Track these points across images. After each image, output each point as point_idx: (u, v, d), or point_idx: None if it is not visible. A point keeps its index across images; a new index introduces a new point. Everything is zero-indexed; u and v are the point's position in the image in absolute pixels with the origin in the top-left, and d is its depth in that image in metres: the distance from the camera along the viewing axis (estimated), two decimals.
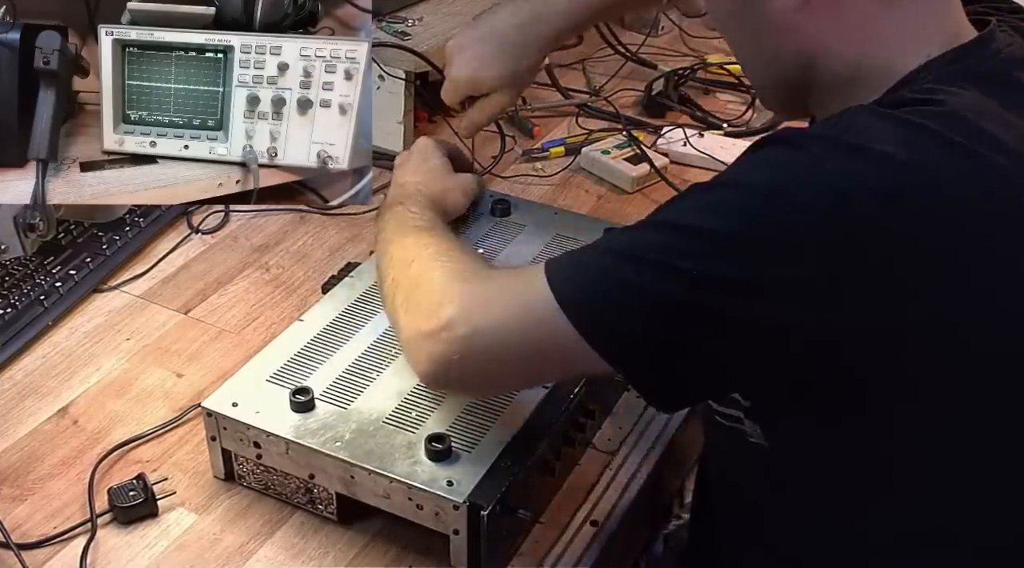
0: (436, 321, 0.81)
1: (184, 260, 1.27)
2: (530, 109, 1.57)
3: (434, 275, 0.87)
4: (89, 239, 1.24)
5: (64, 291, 1.17)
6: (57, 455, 1.00)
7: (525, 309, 0.78)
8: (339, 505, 0.91)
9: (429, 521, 0.87)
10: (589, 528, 0.93)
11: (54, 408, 1.05)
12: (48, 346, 1.13)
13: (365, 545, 0.91)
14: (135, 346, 1.13)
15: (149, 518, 0.93)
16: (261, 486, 0.95)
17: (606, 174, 1.43)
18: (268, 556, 0.90)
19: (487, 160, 1.43)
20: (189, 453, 1.00)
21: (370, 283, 1.08)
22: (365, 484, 0.88)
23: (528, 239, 1.15)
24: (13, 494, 0.96)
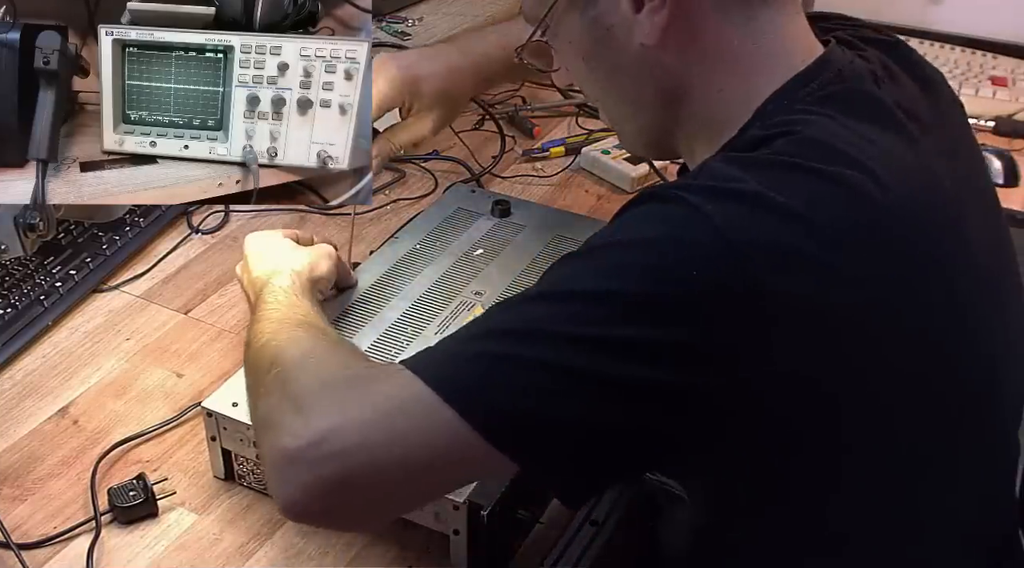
0: (305, 438, 0.69)
1: (184, 260, 1.27)
2: (530, 109, 1.57)
3: (298, 381, 0.75)
4: (89, 239, 1.24)
5: (64, 291, 1.17)
6: (57, 455, 1.00)
7: (402, 409, 0.69)
8: None
9: (429, 521, 0.87)
10: (589, 528, 0.93)
11: (54, 408, 1.05)
12: (48, 346, 1.13)
13: (365, 545, 0.91)
14: (135, 346, 1.13)
15: (149, 518, 0.93)
16: (261, 486, 0.95)
17: (606, 174, 1.43)
18: (268, 556, 0.90)
19: (487, 160, 1.43)
20: (189, 453, 1.00)
21: (370, 283, 1.08)
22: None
23: (528, 239, 1.15)
24: (13, 494, 0.96)
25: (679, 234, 0.67)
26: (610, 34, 0.79)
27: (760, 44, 0.77)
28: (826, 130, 0.72)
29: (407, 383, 0.69)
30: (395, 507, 0.77)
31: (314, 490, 0.69)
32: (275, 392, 0.76)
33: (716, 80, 0.78)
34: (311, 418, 0.70)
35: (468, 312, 1.05)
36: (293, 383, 0.75)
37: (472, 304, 1.06)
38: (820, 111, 0.74)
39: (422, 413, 0.68)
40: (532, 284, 1.07)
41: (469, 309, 1.05)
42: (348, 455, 0.68)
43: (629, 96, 0.83)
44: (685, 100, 0.80)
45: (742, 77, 0.77)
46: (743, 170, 0.69)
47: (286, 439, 0.70)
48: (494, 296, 1.06)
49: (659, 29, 0.76)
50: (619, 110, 0.87)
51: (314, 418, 0.70)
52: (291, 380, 0.76)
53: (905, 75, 0.82)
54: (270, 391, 0.76)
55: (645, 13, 0.76)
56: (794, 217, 0.67)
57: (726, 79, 0.78)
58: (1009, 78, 1.60)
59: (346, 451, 0.68)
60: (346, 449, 0.68)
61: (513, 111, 1.55)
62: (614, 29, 0.79)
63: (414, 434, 0.68)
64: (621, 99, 0.85)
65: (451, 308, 1.05)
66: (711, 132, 0.79)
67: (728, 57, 0.77)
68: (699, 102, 0.79)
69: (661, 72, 0.79)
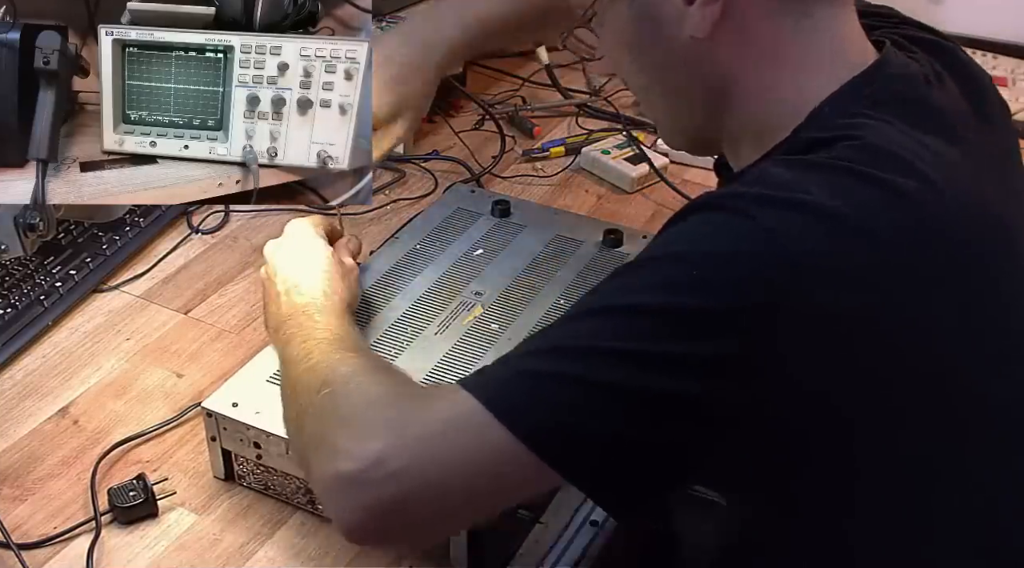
0: (361, 460, 0.68)
1: (184, 260, 1.27)
2: (530, 109, 1.57)
3: (350, 403, 0.75)
4: (89, 239, 1.24)
5: (64, 291, 1.17)
6: (57, 455, 1.00)
7: (456, 428, 0.69)
8: None
9: None
10: (589, 528, 0.93)
11: (54, 408, 1.05)
12: (48, 346, 1.13)
13: None
14: (135, 346, 1.13)
15: (149, 518, 0.93)
16: (261, 486, 0.95)
17: (606, 174, 1.43)
18: (268, 556, 0.90)
19: (487, 160, 1.43)
20: (189, 453, 1.00)
21: (370, 283, 1.08)
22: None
23: (528, 239, 1.15)
24: (13, 494, 0.96)
25: (733, 247, 0.66)
26: (659, 25, 0.77)
27: (814, 42, 0.76)
28: (888, 137, 0.70)
29: (460, 402, 0.69)
30: (454, 524, 0.78)
31: (375, 512, 0.69)
32: (326, 413, 0.75)
33: (767, 77, 0.76)
34: (366, 440, 0.70)
35: (468, 312, 1.05)
36: (345, 404, 0.75)
37: (472, 304, 1.06)
38: (878, 116, 0.72)
39: (475, 431, 0.68)
40: (530, 283, 1.08)
41: (469, 309, 1.05)
42: (405, 476, 0.68)
43: (675, 90, 0.81)
44: (734, 97, 0.78)
45: (794, 76, 0.76)
46: (805, 176, 0.68)
47: (341, 461, 0.69)
48: (494, 296, 1.06)
49: (711, 22, 0.74)
50: (663, 103, 0.84)
51: (369, 440, 0.70)
52: (343, 401, 0.75)
53: (953, 78, 0.80)
54: (320, 412, 0.76)
55: (697, 5, 0.75)
56: (856, 231, 0.66)
57: (778, 77, 0.76)
58: (1009, 78, 1.60)
59: (403, 472, 0.68)
60: (403, 470, 0.68)
61: (513, 111, 1.55)
62: (663, 20, 0.77)
63: (469, 452, 0.68)
64: (666, 92, 0.82)
65: (451, 308, 1.05)
66: (759, 131, 0.77)
67: (781, 54, 0.76)
68: (749, 99, 0.77)
69: (711, 67, 0.77)
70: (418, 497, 0.69)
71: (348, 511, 0.70)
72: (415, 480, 0.68)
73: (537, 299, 1.06)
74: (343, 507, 0.70)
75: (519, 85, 1.62)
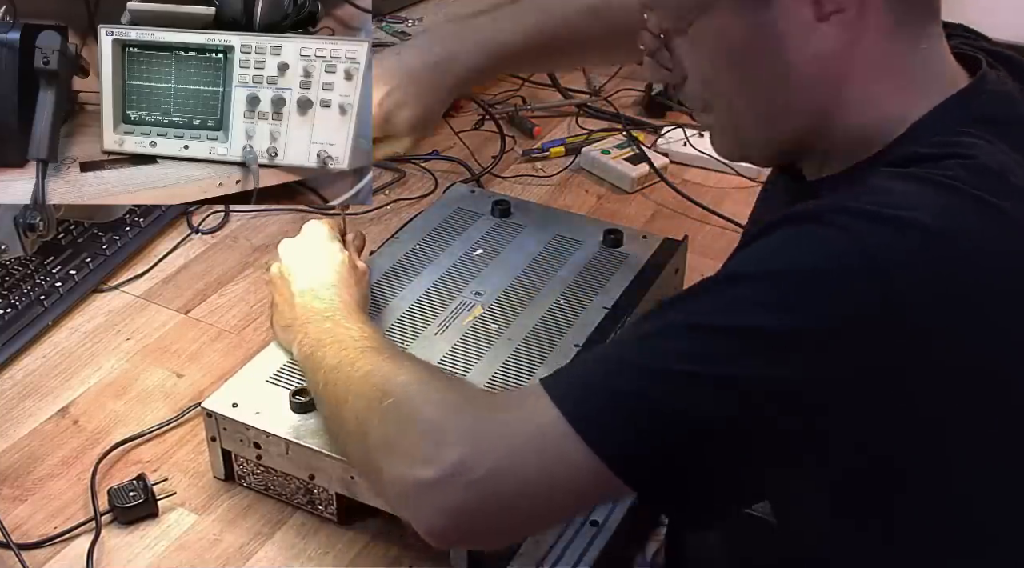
0: (441, 467, 0.69)
1: (184, 260, 1.27)
2: (530, 109, 1.57)
3: (421, 410, 0.75)
4: (89, 239, 1.24)
5: (64, 291, 1.17)
6: (57, 455, 1.00)
7: (537, 437, 0.69)
8: (339, 505, 0.91)
9: None
10: (589, 528, 0.93)
11: (54, 408, 1.05)
12: (48, 346, 1.13)
13: (365, 545, 0.91)
14: (135, 346, 1.13)
15: (149, 518, 0.93)
16: (261, 486, 0.95)
17: (606, 174, 1.43)
18: (268, 556, 0.90)
19: (487, 160, 1.43)
20: (189, 453, 1.00)
21: (370, 283, 1.08)
22: (365, 484, 0.88)
23: (528, 239, 1.15)
24: (13, 494, 0.96)
25: (833, 265, 0.65)
26: (778, 40, 0.73)
27: (922, 60, 0.75)
28: (999, 160, 0.69)
29: (542, 411, 0.69)
30: (532, 527, 0.80)
31: (456, 516, 0.70)
32: (395, 420, 0.76)
33: (875, 93, 0.75)
34: (444, 446, 0.70)
35: (468, 312, 1.05)
36: (416, 412, 0.75)
37: (472, 304, 1.06)
38: (979, 134, 0.71)
39: (556, 446, 0.68)
40: (530, 283, 1.08)
41: (469, 309, 1.05)
42: (484, 484, 0.69)
43: (777, 103, 0.77)
44: (840, 112, 0.75)
45: (900, 93, 0.74)
46: (917, 190, 0.67)
47: (420, 468, 0.70)
48: (494, 296, 1.06)
49: (843, 42, 0.72)
50: (752, 117, 0.79)
51: (448, 446, 0.70)
52: (414, 409, 0.76)
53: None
54: (387, 420, 0.76)
55: (832, 24, 0.72)
56: (962, 257, 0.65)
57: (884, 92, 0.74)
58: None
59: (482, 481, 0.69)
60: (482, 479, 0.69)
61: (513, 111, 1.55)
62: (786, 36, 0.73)
63: (549, 465, 0.69)
64: (760, 104, 0.78)
65: (451, 308, 1.05)
66: (856, 145, 0.75)
67: (895, 71, 0.74)
68: (850, 114, 0.75)
69: (826, 84, 0.74)
70: (497, 505, 0.70)
71: (429, 516, 0.71)
72: (494, 487, 0.69)
73: (537, 299, 1.06)
74: (424, 512, 0.71)
75: (519, 85, 1.63)
